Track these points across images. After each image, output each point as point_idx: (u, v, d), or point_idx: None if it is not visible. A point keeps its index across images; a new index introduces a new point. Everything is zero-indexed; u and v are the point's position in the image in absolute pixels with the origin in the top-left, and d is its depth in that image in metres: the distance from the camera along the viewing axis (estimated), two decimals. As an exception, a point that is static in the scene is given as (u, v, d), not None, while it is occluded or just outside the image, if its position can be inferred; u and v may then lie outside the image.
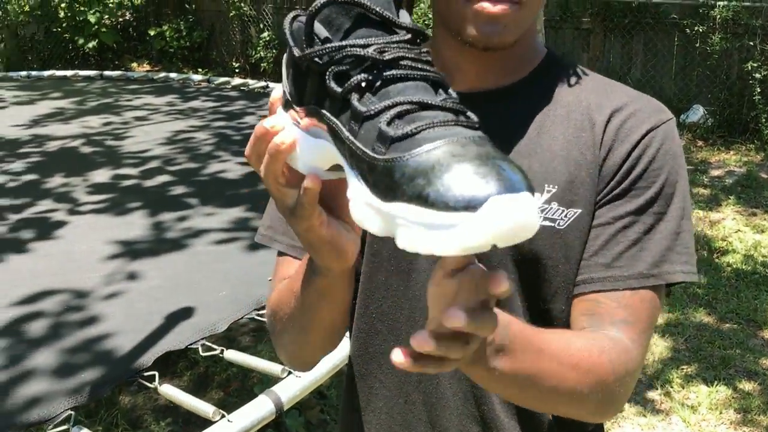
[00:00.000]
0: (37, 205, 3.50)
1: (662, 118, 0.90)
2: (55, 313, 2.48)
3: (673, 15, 6.82)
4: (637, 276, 0.86)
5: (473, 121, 0.56)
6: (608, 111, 0.90)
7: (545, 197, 0.88)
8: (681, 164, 0.91)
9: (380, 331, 0.98)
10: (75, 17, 9.79)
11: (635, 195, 0.88)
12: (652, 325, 0.88)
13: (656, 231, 0.88)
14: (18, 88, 6.07)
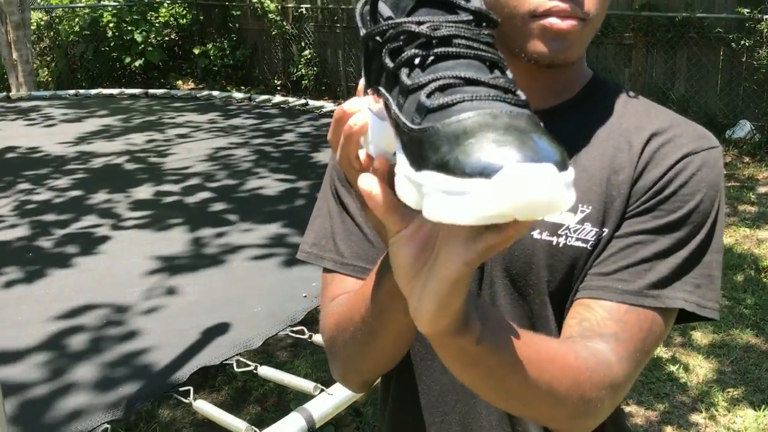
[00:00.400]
0: (81, 221, 3.57)
1: (703, 145, 0.88)
2: (95, 328, 2.53)
3: (718, 29, 6.71)
4: (635, 292, 0.84)
5: (521, 99, 0.54)
6: (647, 133, 0.89)
7: (579, 217, 0.87)
8: (718, 195, 0.87)
9: (418, 351, 0.98)
10: (122, 37, 10.04)
11: (658, 215, 0.86)
12: (647, 349, 0.84)
13: (672, 256, 0.85)
14: (66, 106, 6.23)
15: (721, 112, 6.87)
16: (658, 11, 7.01)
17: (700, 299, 0.85)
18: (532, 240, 0.88)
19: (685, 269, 0.85)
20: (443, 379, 0.97)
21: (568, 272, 0.88)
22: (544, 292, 0.89)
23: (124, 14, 10.16)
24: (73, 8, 10.52)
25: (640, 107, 0.92)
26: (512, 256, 0.89)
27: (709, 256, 0.86)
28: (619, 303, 0.83)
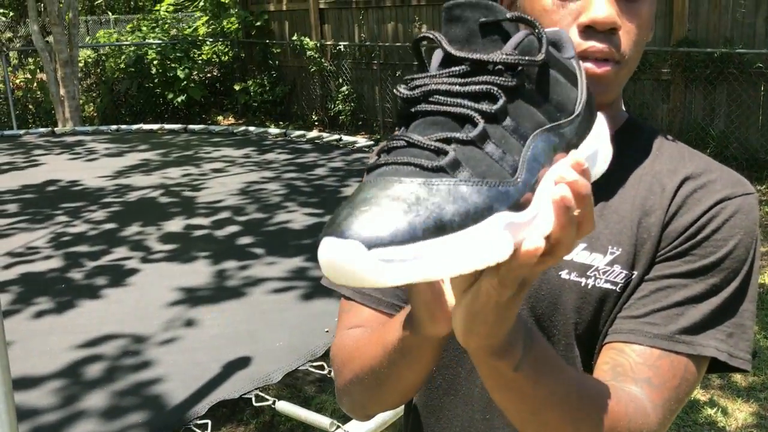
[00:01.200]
0: (112, 253, 3.64)
1: (738, 191, 0.86)
2: (116, 358, 2.56)
3: (759, 64, 6.61)
4: (666, 336, 0.82)
5: (441, 164, 0.54)
6: (681, 177, 0.88)
7: (608, 259, 0.86)
8: (753, 243, 0.85)
9: (440, 385, 0.97)
10: (166, 73, 10.30)
11: (690, 260, 0.84)
12: (681, 397, 0.82)
13: (705, 302, 0.83)
14: (108, 141, 6.40)
15: (763, 148, 6.74)
16: (696, 47, 6.95)
17: (731, 348, 0.83)
18: (560, 280, 0.87)
19: (717, 317, 0.83)
20: (465, 415, 0.96)
21: (595, 314, 0.87)
22: (570, 334, 0.88)
23: (167, 52, 10.43)
24: (119, 46, 10.85)
25: (674, 151, 0.91)
26: (539, 295, 0.88)
27: (743, 305, 0.84)
28: (651, 348, 0.82)
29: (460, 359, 0.95)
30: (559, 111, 0.60)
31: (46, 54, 8.86)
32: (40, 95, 10.50)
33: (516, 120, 0.57)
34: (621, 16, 0.83)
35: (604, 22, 0.81)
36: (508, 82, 0.57)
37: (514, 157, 0.56)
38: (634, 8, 0.84)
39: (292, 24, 10.39)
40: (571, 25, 0.83)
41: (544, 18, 0.84)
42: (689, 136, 7.08)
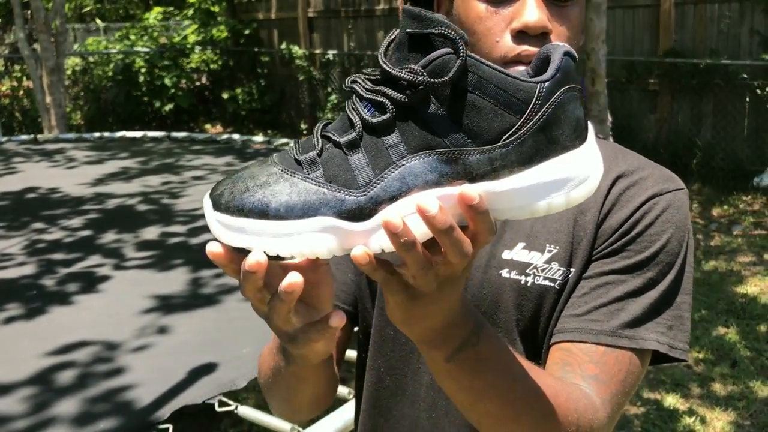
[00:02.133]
0: (86, 260, 3.61)
1: (668, 187, 0.90)
2: (84, 364, 2.53)
3: (743, 75, 6.65)
4: (609, 332, 0.84)
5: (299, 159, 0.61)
6: (613, 175, 0.90)
7: (546, 257, 0.89)
8: (685, 236, 0.89)
9: (388, 386, 0.99)
10: (153, 82, 10.30)
11: (626, 256, 0.87)
12: (627, 391, 0.84)
13: (643, 296, 0.86)
14: (90, 149, 6.38)
15: (748, 159, 6.77)
16: (683, 57, 6.99)
17: (672, 341, 0.86)
18: (501, 279, 0.90)
19: (656, 310, 0.86)
20: (412, 414, 0.97)
21: (536, 310, 0.89)
22: (513, 330, 0.90)
23: (155, 60, 10.43)
24: (107, 54, 10.84)
25: (608, 150, 0.93)
26: (481, 294, 0.91)
27: (680, 297, 0.88)
28: (596, 344, 0.84)
29: (407, 360, 0.97)
30: (470, 138, 0.58)
31: (32, 61, 8.84)
32: (27, 103, 10.47)
33: (402, 137, 0.58)
34: (552, 20, 0.86)
35: (535, 26, 0.83)
36: (401, 99, 0.58)
37: (375, 172, 0.57)
38: (564, 12, 0.87)
39: (281, 32, 10.41)
40: (504, 31, 0.85)
41: (478, 25, 0.86)
42: (676, 146, 7.10)
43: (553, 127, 0.59)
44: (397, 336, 0.97)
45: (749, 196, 6.52)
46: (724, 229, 5.85)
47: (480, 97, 0.58)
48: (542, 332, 0.90)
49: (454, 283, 0.62)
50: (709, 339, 4.03)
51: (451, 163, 0.57)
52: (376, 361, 0.99)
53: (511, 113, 0.58)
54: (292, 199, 0.58)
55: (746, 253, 5.34)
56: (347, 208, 0.57)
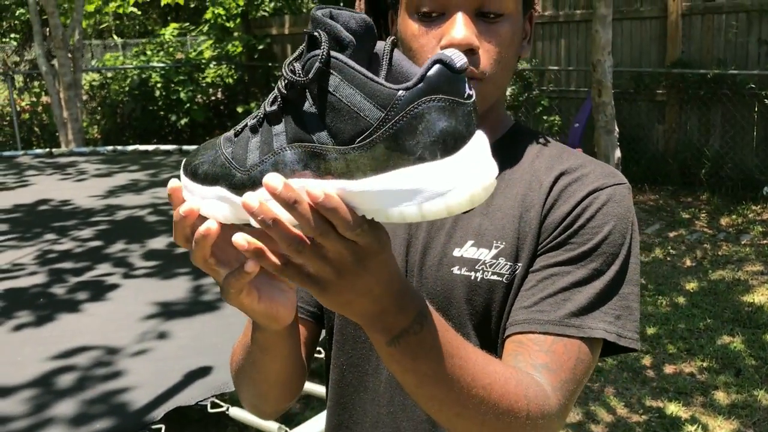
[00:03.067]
0: (95, 269, 3.69)
1: (609, 182, 0.93)
2: (85, 368, 2.60)
3: (751, 85, 6.64)
4: (556, 321, 0.86)
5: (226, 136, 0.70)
6: (556, 173, 0.94)
7: (493, 253, 0.92)
8: (628, 228, 0.91)
9: (351, 383, 1.02)
10: (169, 96, 10.44)
11: (569, 248, 0.90)
12: (578, 379, 0.86)
13: (588, 286, 0.88)
14: (102, 162, 6.50)
15: (757, 168, 6.74)
16: (690, 68, 6.98)
17: (620, 330, 0.88)
18: (452, 275, 0.93)
19: (602, 299, 0.88)
20: (373, 410, 1.00)
21: (486, 305, 0.92)
22: (467, 325, 0.93)
23: (171, 75, 10.57)
24: (124, 69, 11.01)
25: (554, 151, 0.98)
26: (434, 291, 0.94)
27: (626, 288, 0.90)
28: (545, 334, 0.86)
29: (367, 357, 1.00)
30: (331, 136, 0.61)
31: (50, 77, 9.01)
32: (45, 118, 10.66)
33: (285, 128, 0.64)
34: (480, 36, 0.90)
35: (461, 43, 0.87)
36: (284, 93, 0.64)
37: (260, 156, 0.64)
38: (493, 28, 0.91)
39: (294, 47, 10.51)
40: (435, 48, 0.90)
41: (413, 42, 0.92)
42: (685, 156, 7.09)
43: (407, 136, 0.59)
44: (357, 333, 1.00)
45: (758, 206, 6.50)
46: (733, 239, 5.84)
47: (339, 99, 0.60)
48: (495, 327, 0.93)
49: (356, 272, 0.63)
50: (713, 348, 4.02)
51: (316, 158, 0.61)
52: (339, 358, 1.03)
53: (367, 117, 0.59)
54: (208, 168, 0.67)
55: (754, 262, 5.32)
56: (235, 183, 0.65)
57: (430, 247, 0.96)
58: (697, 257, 5.47)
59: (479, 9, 0.89)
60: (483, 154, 0.61)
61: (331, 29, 0.62)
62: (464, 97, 0.60)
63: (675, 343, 4.09)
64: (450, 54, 0.60)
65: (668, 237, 5.97)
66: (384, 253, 0.64)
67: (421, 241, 0.96)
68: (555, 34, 7.99)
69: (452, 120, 0.59)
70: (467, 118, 0.60)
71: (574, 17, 7.85)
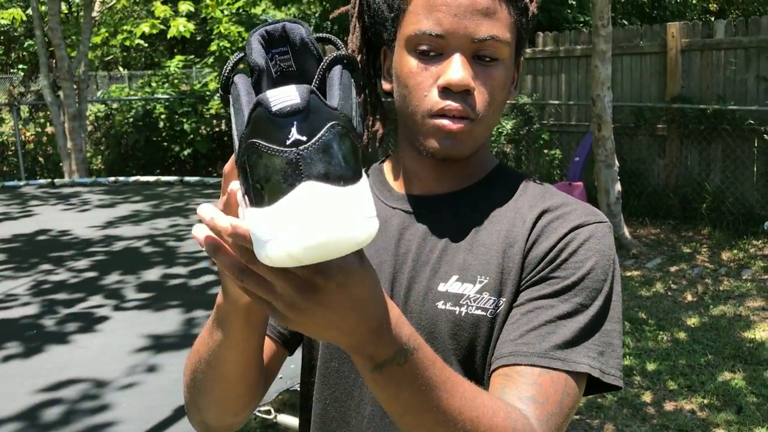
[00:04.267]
0: (88, 301, 3.68)
1: (590, 220, 0.94)
2: (73, 401, 2.58)
3: (750, 121, 6.66)
4: (541, 354, 0.87)
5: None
6: (539, 210, 0.96)
7: (477, 287, 0.93)
8: (610, 265, 0.93)
9: (333, 417, 1.01)
10: (173, 127, 10.52)
11: (553, 282, 0.90)
12: (565, 412, 0.86)
13: (572, 320, 0.89)
14: (103, 192, 6.52)
15: (758, 203, 6.74)
16: (690, 103, 7.02)
17: (603, 366, 0.88)
18: (437, 310, 0.93)
19: (586, 334, 0.89)
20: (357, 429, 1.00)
21: (471, 340, 0.93)
22: (451, 360, 0.93)
23: (175, 106, 10.66)
24: (129, 100, 11.11)
25: (537, 190, 1.00)
26: (419, 326, 0.94)
27: (608, 325, 0.90)
28: (531, 366, 0.86)
29: (350, 393, 1.00)
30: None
31: (55, 108, 9.09)
32: (50, 148, 10.73)
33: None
34: (476, 79, 0.92)
35: (458, 84, 0.91)
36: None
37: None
38: (488, 72, 0.93)
39: (297, 80, 10.60)
40: (432, 86, 0.93)
41: (410, 79, 0.94)
42: (685, 191, 7.09)
43: (243, 176, 0.58)
44: (341, 368, 1.00)
45: (759, 241, 6.47)
46: (734, 274, 5.81)
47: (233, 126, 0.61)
48: (480, 362, 0.94)
49: (308, 308, 0.63)
50: (714, 384, 3.98)
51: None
52: (322, 392, 1.02)
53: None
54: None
55: (755, 297, 5.29)
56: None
57: (415, 281, 0.96)
58: (699, 292, 5.44)
59: (476, 53, 0.92)
60: (317, 210, 0.55)
61: (248, 50, 0.62)
62: (284, 144, 0.55)
63: (676, 380, 4.05)
64: (272, 95, 0.55)
65: (669, 271, 5.93)
66: (345, 289, 0.63)
67: (406, 275, 0.97)
68: (555, 69, 8.05)
69: (267, 168, 0.55)
70: (289, 167, 0.54)
71: (575, 52, 7.91)
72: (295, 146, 0.54)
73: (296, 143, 0.54)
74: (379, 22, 1.01)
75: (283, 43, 0.65)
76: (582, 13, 10.57)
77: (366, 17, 1.04)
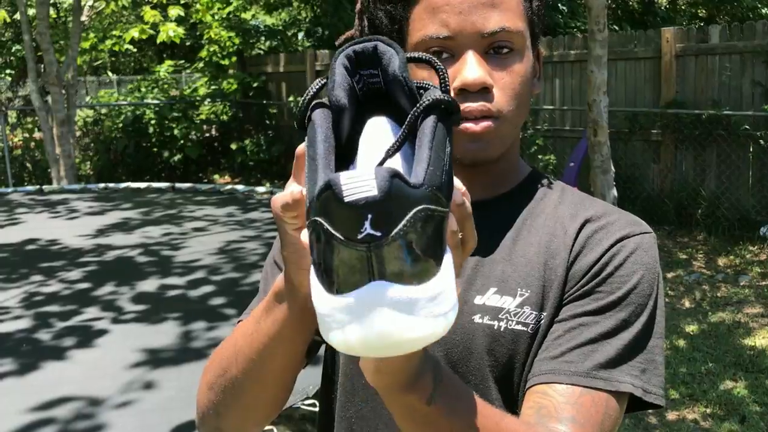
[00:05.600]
0: (82, 313, 3.60)
1: (636, 230, 0.90)
2: (66, 421, 2.49)
3: (746, 126, 6.64)
4: (584, 373, 0.83)
5: None
6: (581, 220, 0.92)
7: (518, 301, 0.89)
8: (655, 279, 0.89)
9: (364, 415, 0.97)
10: (163, 133, 10.43)
11: (598, 297, 0.87)
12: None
13: (616, 338, 0.85)
14: (93, 200, 6.42)
15: (753, 209, 6.72)
16: (685, 108, 7.00)
17: (645, 384, 0.85)
18: (473, 325, 0.89)
19: (630, 352, 0.85)
20: None
21: (510, 356, 0.88)
22: (487, 377, 0.89)
23: (165, 112, 10.58)
24: (118, 106, 11.01)
25: (575, 198, 0.96)
26: (453, 341, 0.89)
27: (652, 341, 0.87)
28: (572, 386, 0.83)
29: (378, 411, 0.94)
30: None
31: (43, 113, 8.98)
32: (38, 154, 10.61)
33: None
34: (492, 73, 0.87)
35: (474, 83, 0.86)
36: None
37: None
38: (505, 64, 0.88)
39: (289, 85, 10.56)
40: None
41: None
42: (681, 196, 7.07)
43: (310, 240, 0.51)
44: (369, 385, 0.95)
45: (755, 246, 6.46)
46: (731, 280, 5.78)
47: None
48: (517, 378, 0.89)
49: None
50: (716, 393, 3.94)
51: None
52: (347, 410, 0.97)
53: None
54: None
55: (753, 304, 5.26)
56: None
57: None
58: (696, 299, 5.41)
59: (489, 47, 0.88)
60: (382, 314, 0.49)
61: (330, 79, 0.55)
62: (354, 238, 0.47)
63: (677, 388, 4.01)
64: (345, 181, 0.47)
65: (666, 278, 5.90)
66: None
67: None
68: (549, 74, 8.03)
69: (332, 253, 0.48)
70: (359, 262, 0.48)
71: (569, 57, 7.89)
72: (368, 242, 0.47)
73: (369, 238, 0.47)
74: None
75: (373, 65, 0.58)
76: (573, 18, 10.57)
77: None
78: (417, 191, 0.49)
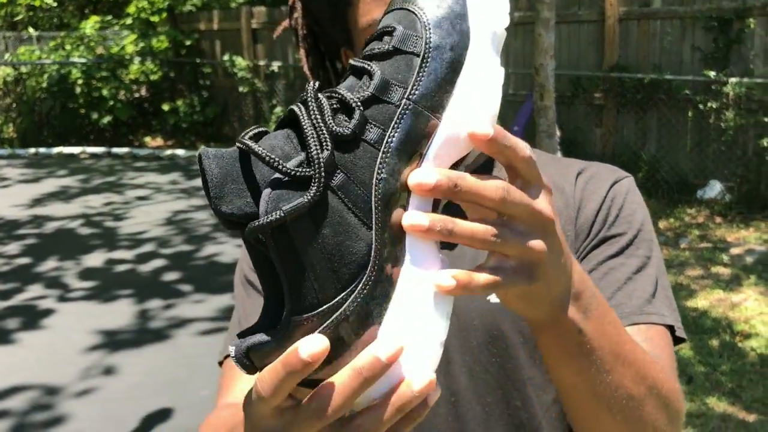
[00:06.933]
0: (26, 291, 3.39)
1: (621, 175, 0.94)
2: (22, 413, 2.33)
3: (686, 91, 6.76)
4: (638, 311, 0.83)
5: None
6: (572, 175, 0.93)
7: None
8: (648, 215, 0.93)
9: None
10: (91, 93, 9.96)
11: (614, 241, 0.88)
12: (674, 363, 0.82)
13: (644, 273, 0.87)
14: (25, 166, 6.08)
15: (691, 172, 6.88)
16: (627, 72, 7.07)
17: (676, 321, 0.85)
18: (493, 306, 0.85)
19: (655, 288, 0.87)
20: None
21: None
22: (519, 356, 0.86)
23: (93, 71, 10.09)
24: (41, 64, 10.44)
25: (547, 158, 0.97)
26: (472, 326, 0.86)
27: (663, 278, 0.89)
28: (635, 324, 0.82)
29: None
30: None
31: (-40, 72, 8.44)
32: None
33: None
34: None
35: None
36: None
37: None
38: None
39: (223, 43, 10.21)
40: None
41: None
42: (622, 159, 7.18)
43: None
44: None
45: (693, 209, 6.62)
46: (672, 243, 5.92)
47: None
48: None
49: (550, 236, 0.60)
50: (663, 356, 4.03)
51: None
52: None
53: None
54: None
55: (694, 266, 5.40)
56: None
57: None
58: (641, 263, 5.51)
59: None
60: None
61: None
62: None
63: (629, 354, 4.08)
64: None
65: (611, 242, 6.00)
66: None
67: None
68: (493, 36, 7.96)
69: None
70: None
71: (513, 19, 7.84)
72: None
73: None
74: (326, 25, 0.95)
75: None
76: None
77: (313, 26, 0.99)
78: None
